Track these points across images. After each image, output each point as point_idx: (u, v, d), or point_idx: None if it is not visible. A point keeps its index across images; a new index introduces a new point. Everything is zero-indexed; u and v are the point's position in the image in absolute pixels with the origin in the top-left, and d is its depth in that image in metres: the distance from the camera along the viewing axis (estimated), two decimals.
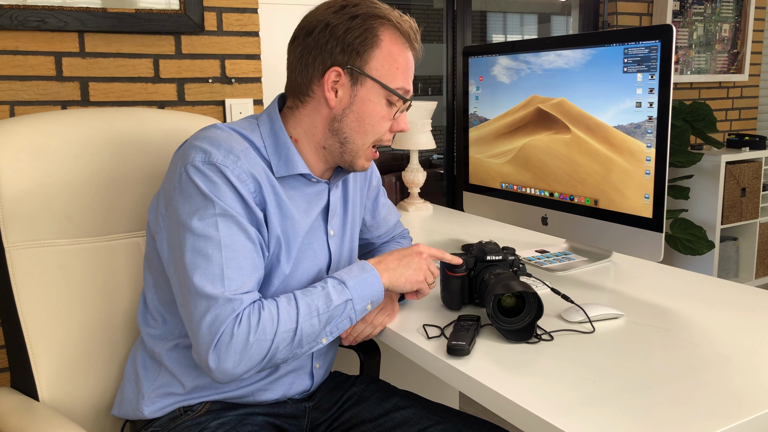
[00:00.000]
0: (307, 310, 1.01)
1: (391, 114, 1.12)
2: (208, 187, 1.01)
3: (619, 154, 1.33)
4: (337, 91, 1.09)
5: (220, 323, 0.95)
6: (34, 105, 1.72)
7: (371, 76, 1.09)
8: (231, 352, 0.95)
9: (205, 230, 0.99)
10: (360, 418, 1.21)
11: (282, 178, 1.11)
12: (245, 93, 2.00)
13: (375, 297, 1.08)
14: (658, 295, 1.28)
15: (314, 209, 1.16)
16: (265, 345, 0.97)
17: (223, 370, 0.96)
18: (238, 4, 1.94)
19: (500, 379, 0.94)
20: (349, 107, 1.10)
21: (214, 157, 1.02)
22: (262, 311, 0.98)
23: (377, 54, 1.08)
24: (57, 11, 1.69)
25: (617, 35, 1.31)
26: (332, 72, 1.08)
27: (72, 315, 1.20)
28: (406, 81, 1.12)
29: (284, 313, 0.99)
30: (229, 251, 0.99)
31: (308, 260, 1.15)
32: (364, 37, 1.07)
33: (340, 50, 1.07)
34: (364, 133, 1.12)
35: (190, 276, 0.98)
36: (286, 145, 1.11)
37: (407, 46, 1.11)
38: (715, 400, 0.86)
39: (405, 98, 1.12)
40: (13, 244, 1.15)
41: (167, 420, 1.12)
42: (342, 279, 1.06)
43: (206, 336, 0.95)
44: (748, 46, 3.82)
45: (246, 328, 0.95)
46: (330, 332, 1.04)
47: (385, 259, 1.12)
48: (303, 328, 1.00)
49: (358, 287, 1.06)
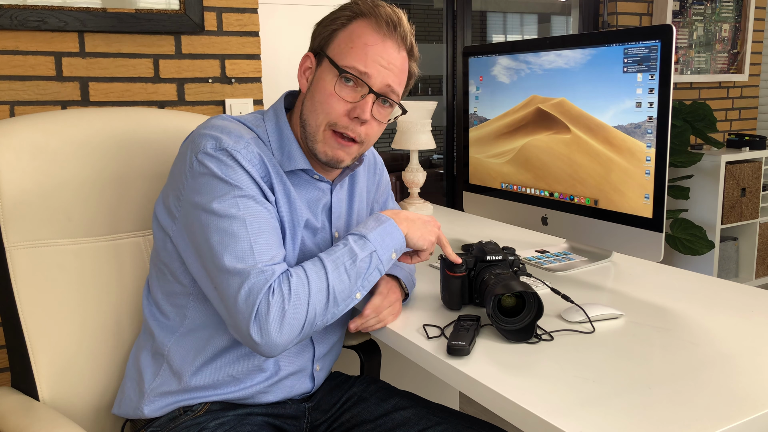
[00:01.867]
0: (334, 267, 1.02)
1: (345, 95, 1.08)
2: (224, 171, 1.02)
3: (619, 154, 1.33)
4: (308, 77, 1.13)
5: (256, 294, 0.96)
6: (34, 105, 1.72)
7: (327, 55, 1.10)
8: (271, 321, 0.95)
9: (228, 210, 1.00)
10: (360, 418, 1.21)
11: (286, 172, 1.12)
12: (245, 93, 2.00)
13: (397, 245, 1.09)
14: (658, 295, 1.28)
15: (316, 207, 1.16)
16: (302, 309, 0.98)
17: (268, 341, 0.96)
18: (238, 4, 1.94)
19: (500, 379, 0.94)
20: (309, 89, 1.12)
21: (225, 143, 1.04)
22: (291, 278, 0.99)
23: (339, 35, 1.10)
24: (57, 11, 1.69)
25: (617, 35, 1.31)
26: (306, 58, 1.14)
27: (72, 315, 1.20)
28: (361, 62, 1.07)
29: (313, 274, 1.00)
30: (255, 227, 1.01)
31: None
32: (332, 21, 1.11)
33: (314, 37, 1.14)
34: (315, 111, 1.10)
35: (220, 257, 0.98)
36: (289, 140, 1.13)
37: (379, 34, 1.08)
38: (715, 400, 0.86)
39: (352, 76, 1.07)
40: (13, 244, 1.15)
41: (167, 420, 1.12)
42: (361, 233, 1.07)
43: (244, 309, 0.96)
44: (748, 46, 3.82)
45: (279, 297, 0.96)
46: (362, 286, 1.05)
47: (400, 213, 1.13)
48: (334, 285, 1.01)
49: (379, 238, 1.07)
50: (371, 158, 1.34)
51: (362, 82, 1.08)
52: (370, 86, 1.08)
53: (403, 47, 1.11)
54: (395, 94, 1.12)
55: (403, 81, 1.14)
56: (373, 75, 1.08)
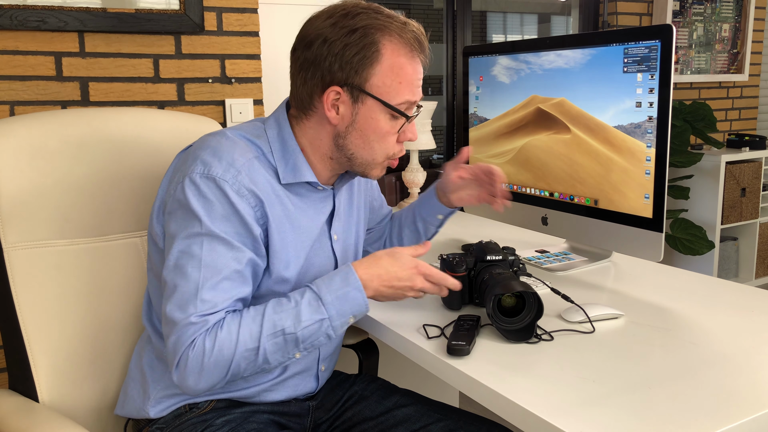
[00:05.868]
0: (272, 329, 0.97)
1: (396, 128, 1.08)
2: (201, 203, 1.00)
3: (619, 154, 1.33)
4: (338, 109, 1.05)
5: (180, 346, 0.96)
6: (34, 105, 1.72)
7: (372, 94, 1.04)
8: (188, 372, 0.96)
9: (189, 248, 0.99)
10: (362, 416, 1.21)
11: (288, 185, 1.09)
12: (245, 93, 2.00)
13: (357, 311, 1.03)
14: (658, 295, 1.28)
15: (320, 216, 1.15)
16: (223, 364, 0.96)
17: (185, 386, 0.98)
18: (238, 4, 1.94)
19: (500, 379, 0.94)
20: (352, 125, 1.06)
21: (214, 170, 1.01)
22: (220, 332, 0.96)
23: (378, 70, 1.03)
24: (57, 11, 1.69)
25: (617, 35, 1.31)
26: (331, 91, 1.04)
27: (71, 315, 1.20)
28: (411, 93, 1.06)
29: (245, 332, 0.97)
30: (209, 271, 0.98)
31: (315, 268, 1.14)
32: (363, 54, 1.02)
33: (338, 67, 1.02)
34: (371, 149, 1.08)
35: (166, 298, 0.99)
36: (294, 151, 1.09)
37: (412, 56, 1.05)
38: (715, 400, 0.86)
39: (407, 115, 1.07)
40: (11, 245, 1.15)
41: (172, 417, 1.12)
42: (320, 293, 1.00)
43: (170, 355, 0.98)
44: (748, 46, 3.82)
45: (201, 352, 0.95)
46: (305, 348, 1.00)
47: (373, 267, 1.04)
48: (266, 347, 0.97)
49: (337, 303, 1.00)
50: None
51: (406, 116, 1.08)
52: (413, 113, 1.10)
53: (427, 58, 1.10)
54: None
55: None
56: (418, 98, 1.09)
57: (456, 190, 1.35)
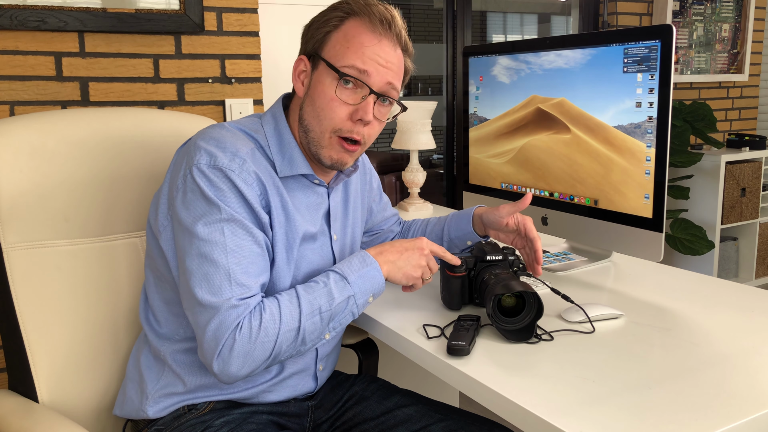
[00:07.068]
0: (310, 308, 1.01)
1: (346, 98, 1.06)
2: (214, 192, 1.01)
3: (619, 154, 1.33)
4: (303, 81, 1.11)
5: (223, 331, 0.96)
6: (33, 105, 1.72)
7: (322, 57, 1.08)
8: (234, 356, 0.96)
9: (211, 235, 0.99)
10: (362, 416, 1.21)
11: (285, 178, 1.10)
12: (245, 93, 2.00)
13: (377, 290, 1.08)
14: (658, 295, 1.28)
15: (315, 213, 1.16)
16: (269, 346, 0.97)
17: (227, 373, 0.97)
18: (238, 4, 1.94)
19: (500, 379, 0.94)
20: (308, 92, 1.10)
21: (220, 161, 1.02)
22: (264, 314, 0.98)
23: (333, 36, 1.08)
24: (57, 11, 1.69)
25: (617, 35, 1.31)
26: (299, 61, 1.11)
27: (71, 316, 1.20)
28: (359, 60, 1.05)
29: (286, 313, 0.99)
30: (236, 256, 0.99)
31: (313, 266, 1.15)
32: (324, 22, 1.09)
33: (306, 40, 1.11)
34: (318, 117, 1.08)
35: (195, 286, 0.98)
36: (290, 144, 1.11)
37: (373, 31, 1.07)
38: (715, 400, 0.86)
39: (344, 74, 1.05)
40: (11, 245, 1.15)
41: (171, 418, 1.12)
42: (344, 274, 1.05)
43: (211, 342, 0.96)
44: (748, 46, 3.82)
45: (247, 334, 0.96)
46: (333, 328, 1.04)
47: (386, 251, 1.11)
48: (306, 326, 1.00)
49: (360, 281, 1.06)
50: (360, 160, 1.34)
51: (362, 83, 1.06)
52: (370, 86, 1.06)
53: (398, 45, 1.10)
54: (395, 91, 1.11)
55: (401, 78, 1.13)
56: (372, 73, 1.06)
57: (499, 229, 1.33)
